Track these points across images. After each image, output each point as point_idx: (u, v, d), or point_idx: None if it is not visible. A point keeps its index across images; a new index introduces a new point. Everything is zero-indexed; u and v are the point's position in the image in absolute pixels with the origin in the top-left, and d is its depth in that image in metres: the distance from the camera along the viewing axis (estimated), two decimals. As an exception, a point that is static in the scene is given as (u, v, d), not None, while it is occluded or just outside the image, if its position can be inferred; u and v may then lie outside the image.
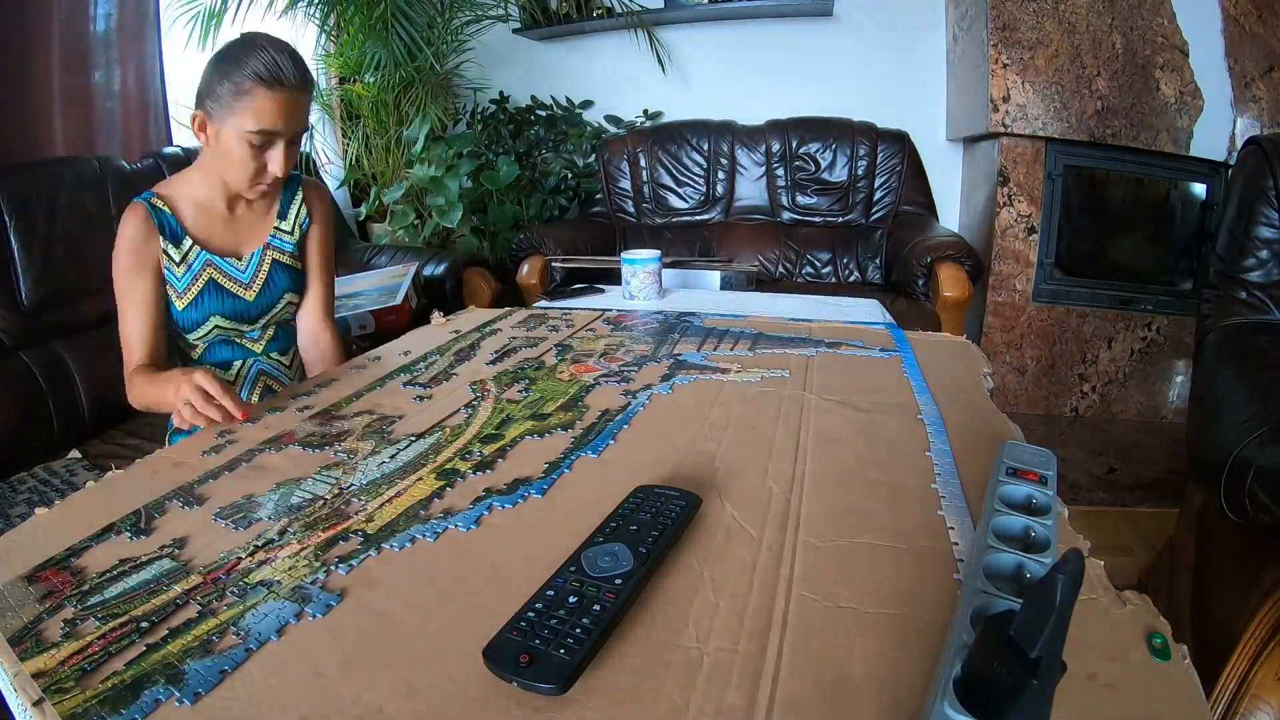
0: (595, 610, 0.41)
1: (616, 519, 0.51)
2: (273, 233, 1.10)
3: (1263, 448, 0.88)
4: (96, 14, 1.91)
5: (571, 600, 0.42)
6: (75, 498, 0.61)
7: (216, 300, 1.05)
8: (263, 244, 1.09)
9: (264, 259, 1.08)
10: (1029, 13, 2.20)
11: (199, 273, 1.04)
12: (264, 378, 1.13)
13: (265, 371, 1.14)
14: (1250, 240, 1.21)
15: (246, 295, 1.07)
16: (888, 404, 0.76)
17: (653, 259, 1.46)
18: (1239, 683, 0.77)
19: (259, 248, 1.09)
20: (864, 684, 0.38)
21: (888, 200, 2.54)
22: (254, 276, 1.08)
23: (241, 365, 1.12)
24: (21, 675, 0.40)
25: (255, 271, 1.08)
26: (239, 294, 1.07)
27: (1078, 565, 0.29)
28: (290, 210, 1.11)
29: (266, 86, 0.91)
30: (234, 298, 1.06)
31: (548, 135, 2.91)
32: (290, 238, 1.11)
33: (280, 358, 1.15)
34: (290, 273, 1.11)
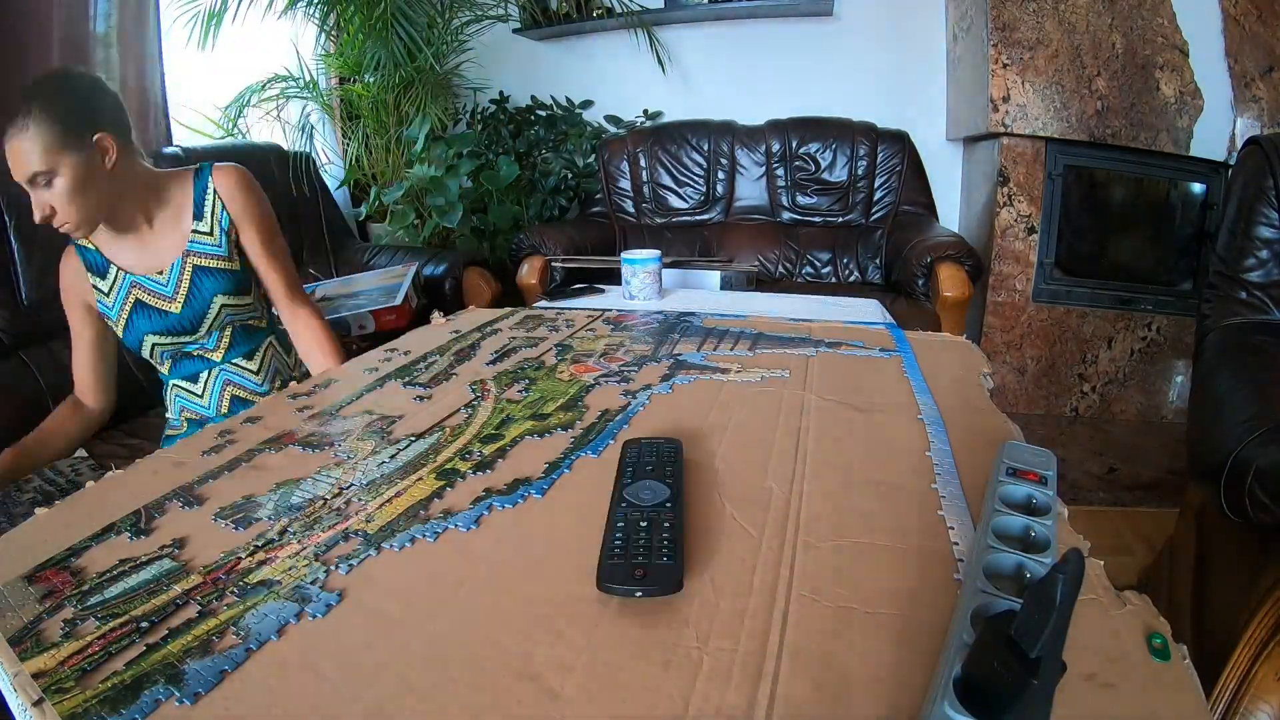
0: (666, 526, 0.49)
1: (630, 465, 0.58)
2: (190, 238, 1.07)
3: (1263, 448, 0.88)
4: (96, 14, 1.91)
5: (643, 525, 0.49)
6: (75, 498, 0.61)
7: (145, 319, 1.06)
8: (180, 253, 1.07)
9: (184, 267, 1.07)
10: (1029, 13, 2.20)
11: (126, 296, 1.05)
12: (230, 388, 1.12)
13: (231, 381, 1.13)
14: (1250, 240, 1.21)
15: (171, 308, 1.06)
16: (888, 404, 0.76)
17: (653, 259, 1.46)
18: (1239, 683, 0.77)
19: (178, 258, 1.07)
20: (864, 684, 0.38)
21: (888, 200, 2.54)
22: (176, 288, 1.06)
23: (207, 376, 1.12)
24: (21, 675, 0.40)
25: (178, 282, 1.06)
26: (164, 308, 1.06)
27: (1078, 565, 0.29)
28: (204, 209, 1.08)
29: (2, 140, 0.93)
30: (161, 313, 1.06)
31: (548, 135, 2.91)
32: (210, 238, 1.08)
33: (245, 363, 1.13)
34: (218, 275, 1.08)
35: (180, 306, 1.07)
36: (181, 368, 1.12)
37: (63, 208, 0.96)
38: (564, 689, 0.38)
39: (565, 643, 0.41)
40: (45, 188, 0.95)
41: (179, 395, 1.16)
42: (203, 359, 1.11)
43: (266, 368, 1.16)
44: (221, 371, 1.12)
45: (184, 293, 1.07)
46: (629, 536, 0.48)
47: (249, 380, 1.14)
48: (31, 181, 0.94)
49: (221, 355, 1.11)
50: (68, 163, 0.94)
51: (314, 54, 2.65)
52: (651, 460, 0.58)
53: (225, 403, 1.13)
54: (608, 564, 0.46)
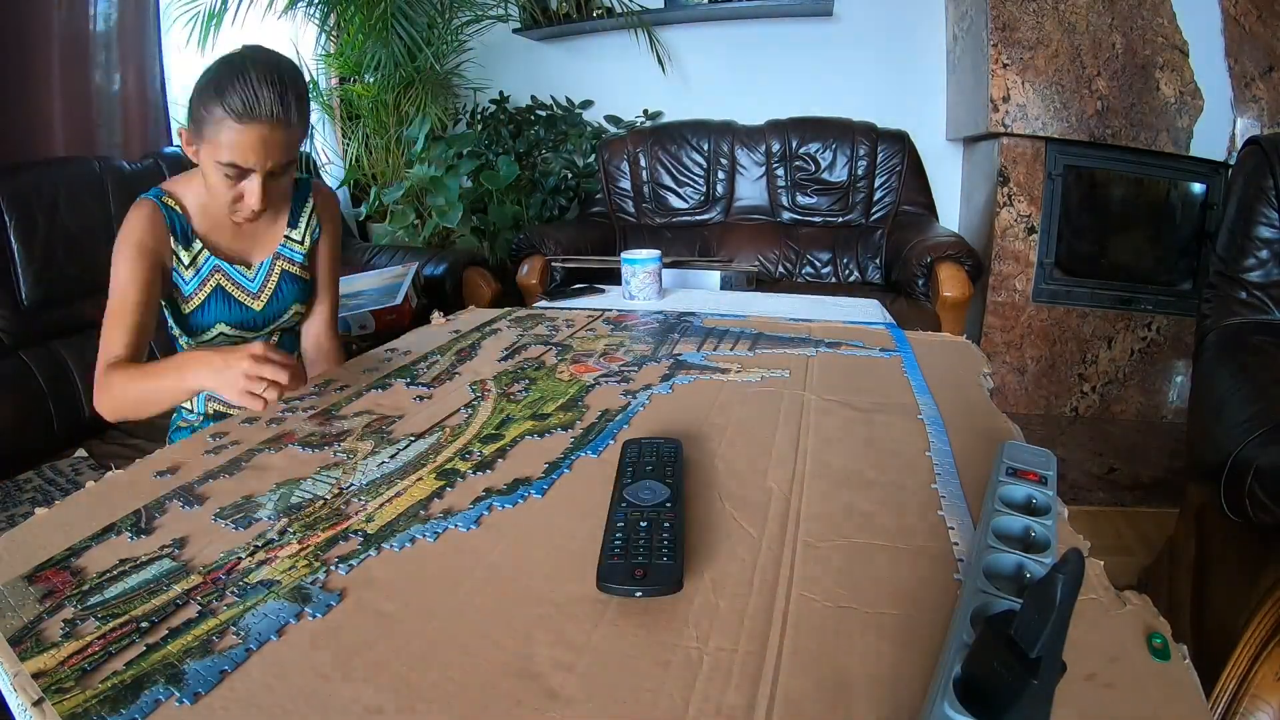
0: (666, 526, 0.49)
1: (630, 465, 0.58)
2: (283, 242, 1.07)
3: (1263, 448, 0.88)
4: (96, 14, 1.91)
5: (643, 525, 0.49)
6: (75, 498, 0.61)
7: (224, 308, 1.02)
8: (272, 253, 1.06)
9: (273, 269, 1.05)
10: (1029, 13, 2.20)
11: (207, 278, 1.01)
12: None
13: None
14: (1250, 240, 1.21)
15: (254, 305, 1.05)
16: (888, 404, 0.76)
17: (653, 259, 1.46)
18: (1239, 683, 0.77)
19: (269, 257, 1.05)
20: (864, 684, 0.38)
21: (888, 200, 2.54)
22: (263, 286, 1.05)
23: None
24: (21, 675, 0.40)
25: (264, 281, 1.05)
26: (247, 303, 1.04)
27: (1078, 565, 0.29)
28: (301, 219, 1.08)
29: (237, 119, 0.85)
30: (241, 307, 1.03)
31: (548, 135, 2.91)
32: (301, 248, 1.08)
33: None
34: (299, 284, 1.08)
35: (263, 305, 1.05)
36: None
37: (274, 197, 0.94)
38: (564, 689, 0.38)
39: (565, 643, 0.41)
40: (280, 176, 0.93)
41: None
42: None
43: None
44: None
45: (269, 293, 1.06)
46: (629, 536, 0.48)
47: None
48: (271, 170, 0.91)
49: None
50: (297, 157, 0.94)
51: (314, 54, 2.65)
52: (652, 460, 0.58)
53: None
54: (607, 564, 0.46)
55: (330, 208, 1.13)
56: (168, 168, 1.74)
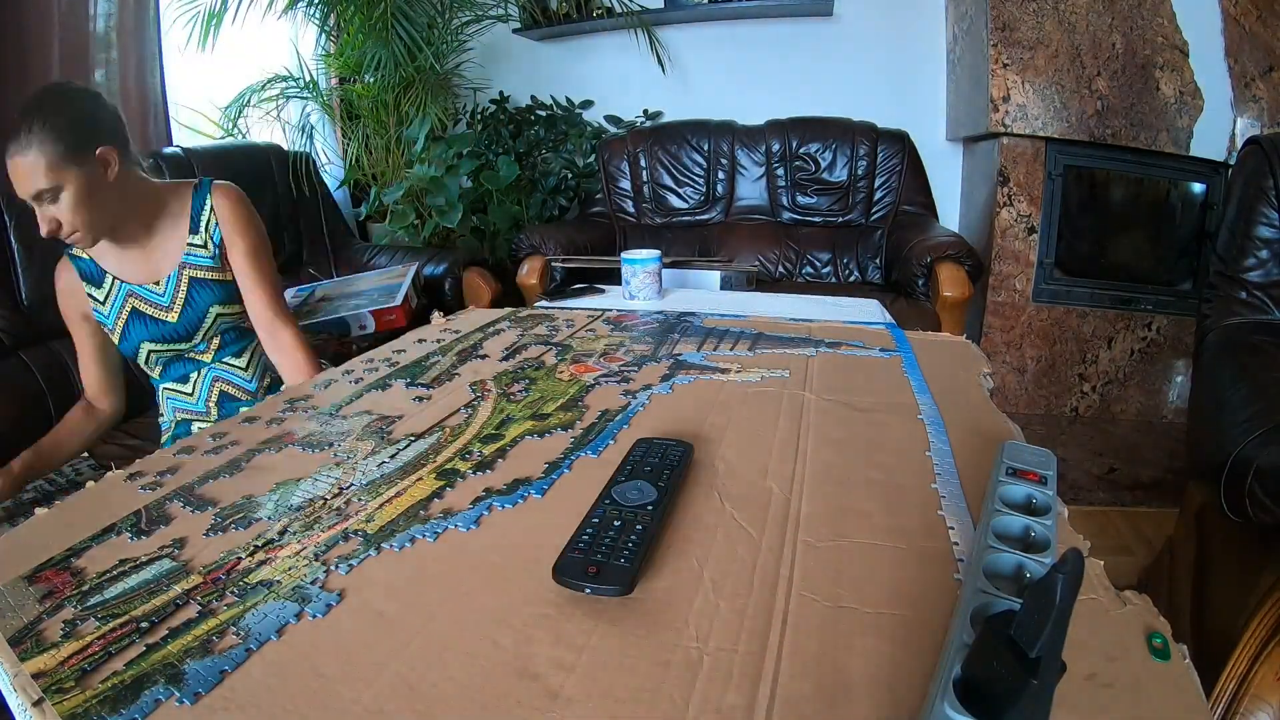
0: (638, 529, 0.49)
1: (630, 463, 0.58)
2: (186, 250, 1.10)
3: (1263, 448, 0.88)
4: (96, 14, 1.91)
5: (616, 524, 0.50)
6: (75, 498, 0.61)
7: (141, 328, 1.08)
8: (177, 264, 1.09)
9: (180, 279, 1.09)
10: (1029, 13, 2.20)
11: (122, 305, 1.07)
12: (219, 383, 1.15)
13: (220, 377, 1.15)
14: (1250, 240, 1.21)
15: (168, 318, 1.08)
16: (888, 404, 0.76)
17: (653, 259, 1.46)
18: (1239, 683, 0.77)
19: (175, 269, 1.09)
20: (864, 684, 0.38)
21: (888, 200, 2.54)
22: (173, 298, 1.08)
23: (196, 376, 1.14)
24: (21, 675, 0.40)
25: (174, 293, 1.08)
26: (161, 318, 1.08)
27: (1077, 565, 0.29)
28: (200, 223, 1.10)
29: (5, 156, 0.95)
30: (157, 322, 1.08)
31: (548, 135, 2.91)
32: (204, 251, 1.10)
33: (235, 361, 1.16)
34: (212, 286, 1.10)
35: (177, 316, 1.09)
36: (172, 371, 1.14)
37: (69, 220, 0.98)
38: (564, 689, 0.38)
39: (565, 643, 0.41)
40: (51, 203, 0.97)
41: (170, 396, 1.18)
42: (193, 361, 1.14)
43: (256, 364, 1.18)
44: (210, 370, 1.14)
45: (180, 303, 1.09)
46: (597, 534, 0.48)
47: (237, 376, 1.15)
48: (37, 198, 0.96)
49: (211, 356, 1.14)
50: (72, 177, 0.96)
51: (314, 54, 2.65)
52: (654, 461, 0.58)
53: (214, 397, 1.14)
54: (568, 556, 0.46)
55: (226, 204, 1.12)
56: (168, 168, 1.74)
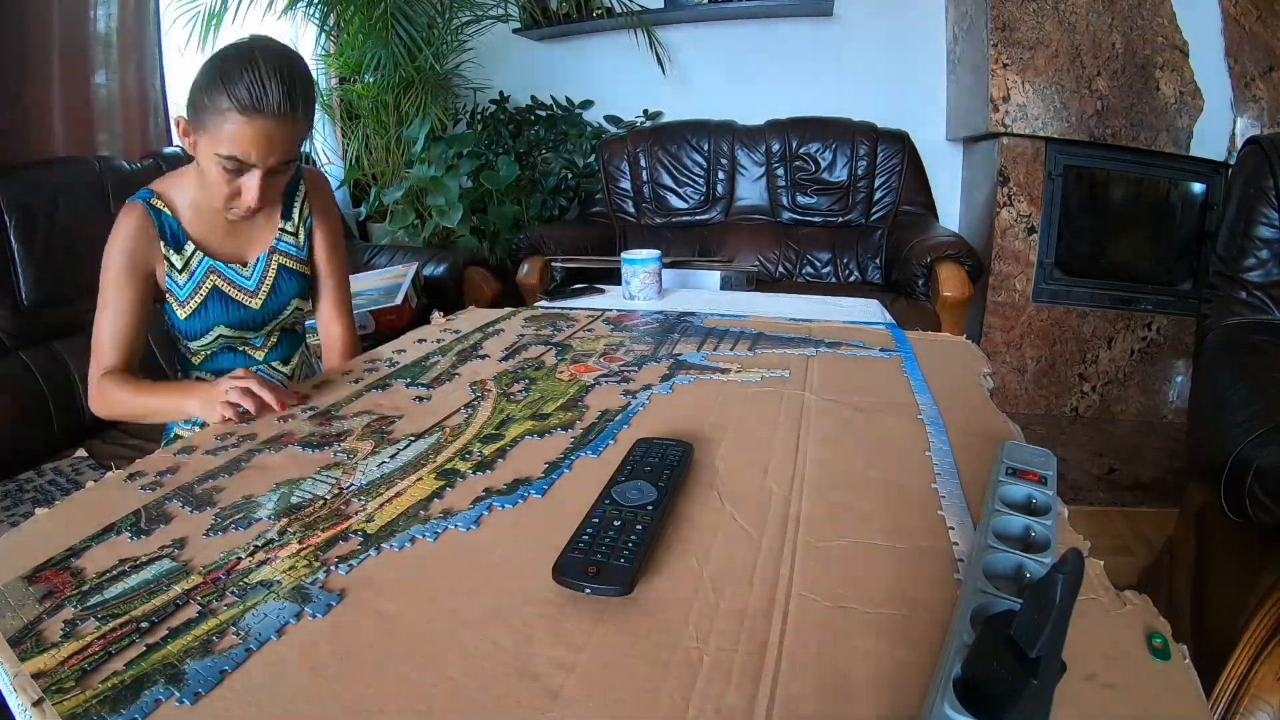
0: (638, 529, 0.49)
1: (630, 464, 0.58)
2: (278, 235, 1.04)
3: (1263, 448, 0.88)
4: (96, 14, 1.91)
5: (616, 524, 0.49)
6: (75, 498, 0.61)
7: (221, 309, 0.99)
8: (268, 249, 1.03)
9: (270, 265, 1.02)
10: (1029, 13, 2.20)
11: (202, 280, 0.98)
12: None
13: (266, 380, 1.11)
14: (1250, 240, 1.21)
15: (252, 304, 1.02)
16: (888, 404, 0.76)
17: (653, 259, 1.46)
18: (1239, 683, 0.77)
19: (264, 253, 1.02)
20: (864, 684, 0.38)
21: (888, 200, 2.54)
22: (260, 284, 1.02)
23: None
24: (21, 675, 0.40)
25: (261, 279, 1.02)
26: (245, 302, 1.01)
27: (1077, 565, 0.29)
28: (294, 209, 1.05)
29: (241, 112, 0.82)
30: (240, 307, 1.01)
31: (548, 135, 2.91)
32: (295, 239, 1.05)
33: (281, 368, 1.10)
34: (298, 278, 1.05)
35: (260, 303, 1.02)
36: (217, 361, 1.05)
37: (273, 194, 0.93)
38: (564, 689, 0.38)
39: (565, 643, 0.41)
40: (279, 173, 0.91)
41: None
42: (244, 355, 1.06)
43: (299, 373, 1.13)
44: (258, 370, 1.07)
45: (266, 289, 1.02)
46: (597, 534, 0.48)
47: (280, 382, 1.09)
48: (272, 168, 0.88)
49: (264, 355, 1.08)
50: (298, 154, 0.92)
51: (314, 54, 2.65)
52: (654, 461, 0.58)
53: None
54: (567, 557, 0.46)
55: (321, 191, 1.09)
56: (168, 168, 1.74)
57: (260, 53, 0.84)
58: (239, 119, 0.83)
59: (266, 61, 0.83)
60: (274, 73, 0.83)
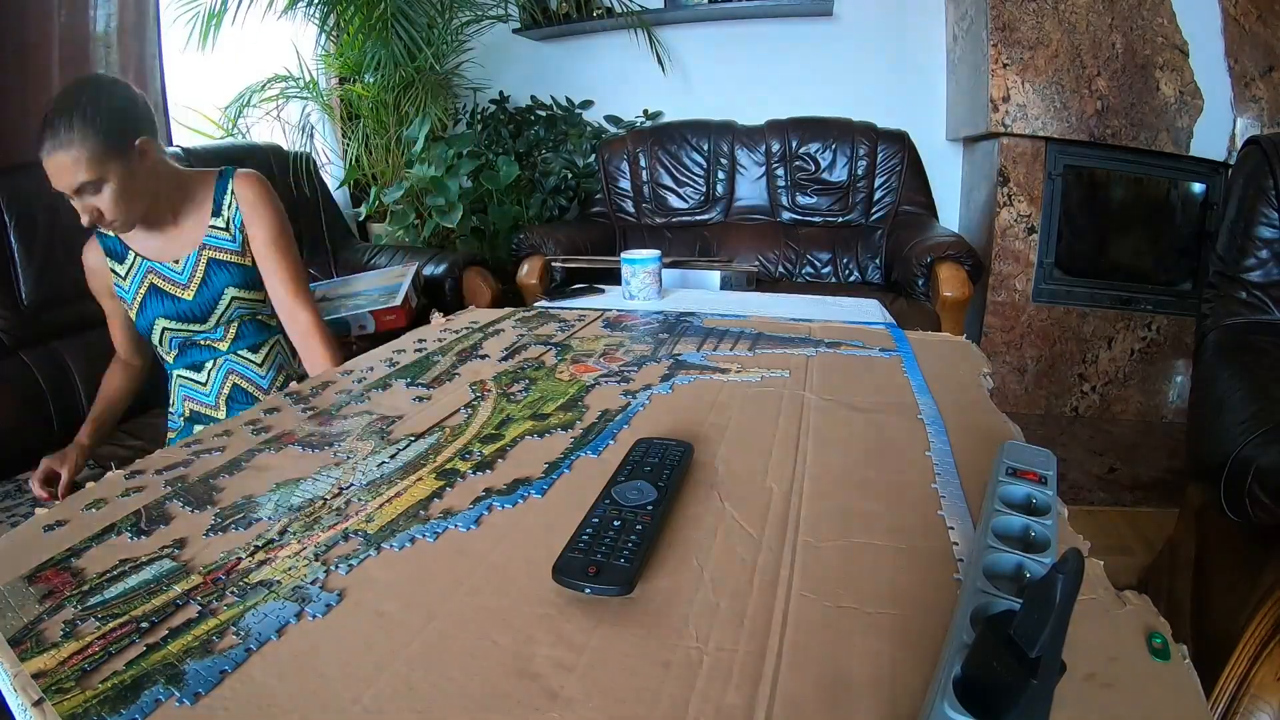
0: (638, 529, 0.49)
1: (630, 464, 0.58)
2: (208, 232, 1.13)
3: (1263, 448, 0.88)
4: (96, 14, 1.91)
5: (615, 524, 0.49)
6: (75, 498, 0.61)
7: (157, 304, 1.11)
8: (198, 245, 1.13)
9: (200, 259, 1.12)
10: (1029, 13, 2.20)
11: (141, 280, 1.11)
12: (233, 376, 1.16)
13: (234, 370, 1.17)
14: (1250, 240, 1.21)
15: (184, 295, 1.12)
16: (888, 404, 0.76)
17: (653, 259, 1.46)
18: (1239, 683, 0.77)
19: (195, 249, 1.12)
20: (864, 684, 0.38)
21: (888, 200, 2.54)
22: (190, 276, 1.12)
23: (211, 365, 1.16)
24: (21, 675, 0.40)
25: (193, 272, 1.12)
26: (177, 295, 1.11)
27: (1077, 565, 0.29)
28: (222, 206, 1.14)
29: (40, 152, 0.97)
30: (173, 299, 1.11)
31: (548, 135, 2.91)
32: (225, 233, 1.14)
33: (250, 355, 1.18)
34: (231, 269, 1.14)
35: (192, 294, 1.12)
36: (187, 356, 1.16)
37: (110, 210, 1.02)
38: (564, 689, 0.38)
39: (565, 643, 0.41)
40: (93, 194, 1.00)
41: (182, 385, 1.19)
42: (209, 348, 1.16)
43: (271, 361, 1.20)
44: (226, 361, 1.17)
45: (197, 281, 1.12)
46: (597, 534, 0.48)
47: (252, 371, 1.17)
48: (78, 191, 0.99)
49: (227, 345, 1.17)
50: (114, 169, 0.99)
51: (314, 54, 2.65)
52: (654, 461, 0.58)
53: (226, 389, 1.15)
54: (566, 557, 0.46)
55: (248, 191, 1.15)
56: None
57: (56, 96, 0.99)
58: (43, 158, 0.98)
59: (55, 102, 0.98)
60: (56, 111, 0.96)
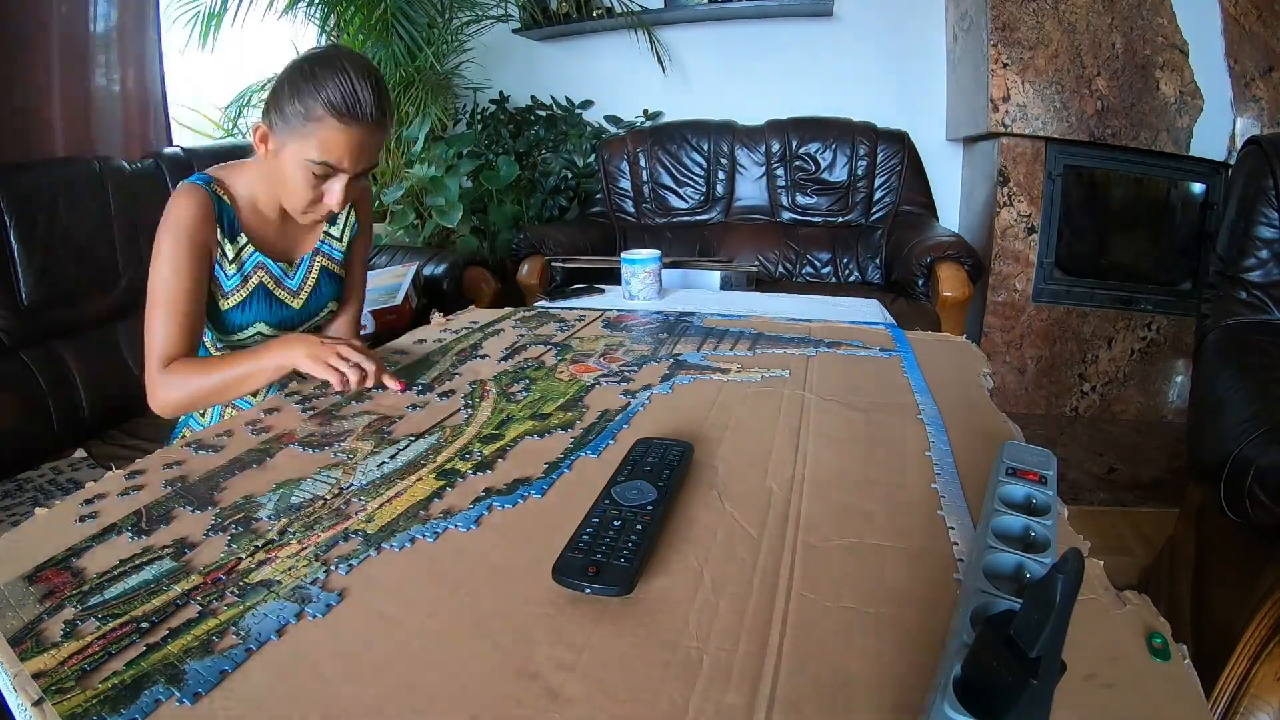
0: (638, 528, 0.49)
1: (630, 464, 0.58)
2: (323, 238, 1.04)
3: (1263, 448, 0.88)
4: (96, 14, 1.91)
5: (616, 524, 0.49)
6: (75, 497, 0.61)
7: (265, 307, 0.98)
8: (312, 250, 1.03)
9: (313, 266, 1.03)
10: (1029, 13, 2.20)
11: (250, 275, 0.96)
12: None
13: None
14: (1250, 240, 1.21)
15: (294, 303, 1.01)
16: (888, 404, 0.76)
17: (653, 259, 1.46)
18: (1239, 683, 0.77)
19: (309, 254, 1.03)
20: (864, 684, 0.38)
21: (888, 200, 2.54)
22: (302, 284, 1.02)
23: None
24: (21, 675, 0.40)
25: (304, 279, 1.02)
26: (287, 301, 1.01)
27: (1077, 565, 0.29)
28: (341, 215, 1.04)
29: (338, 118, 0.82)
30: (282, 305, 1.00)
31: (548, 135, 2.91)
32: (339, 244, 1.06)
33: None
34: (336, 281, 1.06)
35: (302, 303, 1.02)
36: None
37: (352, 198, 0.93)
38: (564, 689, 0.38)
39: (565, 643, 0.41)
40: (361, 178, 0.91)
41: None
42: None
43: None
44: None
45: (308, 290, 1.03)
46: (597, 534, 0.48)
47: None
48: (359, 173, 0.89)
49: None
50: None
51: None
52: (654, 461, 0.58)
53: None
54: (566, 557, 0.46)
55: (368, 204, 1.10)
56: (168, 168, 1.74)
57: (348, 60, 0.84)
58: (335, 125, 0.83)
59: (356, 69, 0.83)
60: (365, 80, 0.83)
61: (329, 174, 0.87)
